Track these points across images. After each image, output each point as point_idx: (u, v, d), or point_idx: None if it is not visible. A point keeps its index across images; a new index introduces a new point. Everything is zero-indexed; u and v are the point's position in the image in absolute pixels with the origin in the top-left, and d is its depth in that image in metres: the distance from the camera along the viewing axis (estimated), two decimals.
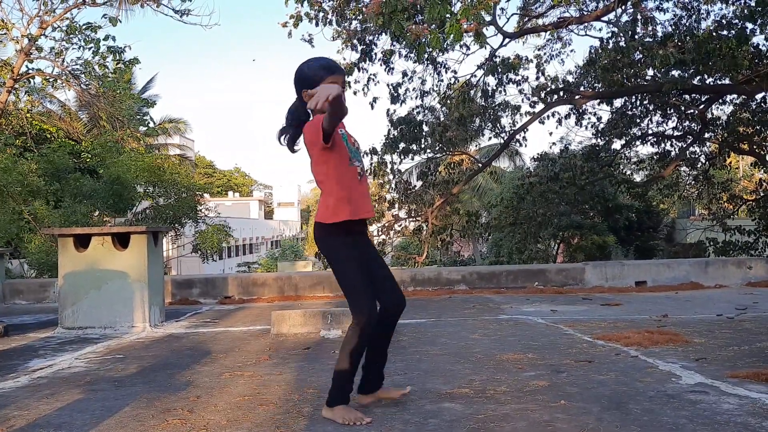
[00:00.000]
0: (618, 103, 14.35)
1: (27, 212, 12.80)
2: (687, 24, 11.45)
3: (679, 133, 15.11)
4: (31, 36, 11.58)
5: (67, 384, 4.03)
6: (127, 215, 14.68)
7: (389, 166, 13.56)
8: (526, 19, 13.07)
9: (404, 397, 3.27)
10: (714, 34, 10.03)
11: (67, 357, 5.06)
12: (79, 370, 4.49)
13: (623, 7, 11.09)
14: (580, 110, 14.24)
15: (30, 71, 12.34)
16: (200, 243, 15.27)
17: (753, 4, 9.82)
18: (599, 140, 15.27)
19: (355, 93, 11.96)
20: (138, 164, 13.59)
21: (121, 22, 11.48)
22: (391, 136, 12.95)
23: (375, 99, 12.18)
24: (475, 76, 12.96)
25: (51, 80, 12.60)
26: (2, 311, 8.76)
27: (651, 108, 14.27)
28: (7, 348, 5.61)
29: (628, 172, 18.84)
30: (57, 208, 13.31)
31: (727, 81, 12.24)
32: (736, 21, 10.08)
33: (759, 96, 12.63)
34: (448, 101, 12.98)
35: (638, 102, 14.13)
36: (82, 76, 12.56)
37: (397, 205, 14.31)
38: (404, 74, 12.84)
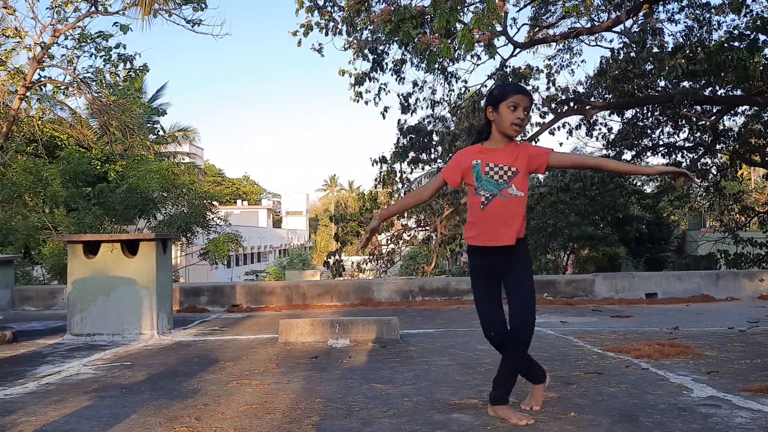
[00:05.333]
0: (629, 113, 14.31)
1: (44, 218, 12.80)
2: (698, 35, 11.43)
3: (691, 144, 15.05)
4: (43, 44, 11.69)
5: (74, 390, 4.03)
6: (139, 223, 14.63)
7: (398, 174, 13.57)
8: (537, 29, 13.09)
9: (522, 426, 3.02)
10: (725, 45, 10.00)
11: (75, 363, 5.06)
12: (87, 377, 4.49)
13: (634, 18, 11.08)
14: (591, 121, 14.20)
15: (42, 79, 12.45)
16: (211, 250, 15.17)
17: (766, 15, 9.79)
18: (610, 151, 15.22)
19: (366, 103, 12.03)
20: (154, 171, 13.44)
21: (132, 30, 11.60)
22: (401, 145, 12.97)
23: (386, 108, 12.28)
24: (486, 86, 12.97)
25: (62, 88, 12.70)
26: (11, 317, 8.79)
27: (662, 119, 14.23)
28: (15, 354, 5.62)
29: (639, 183, 18.77)
30: (71, 212, 13.26)
31: (738, 92, 12.19)
32: (748, 32, 10.05)
33: None
34: (458, 111, 12.99)
35: (649, 113, 14.09)
36: (93, 84, 12.67)
37: (406, 215, 14.30)
38: (415, 84, 12.90)
